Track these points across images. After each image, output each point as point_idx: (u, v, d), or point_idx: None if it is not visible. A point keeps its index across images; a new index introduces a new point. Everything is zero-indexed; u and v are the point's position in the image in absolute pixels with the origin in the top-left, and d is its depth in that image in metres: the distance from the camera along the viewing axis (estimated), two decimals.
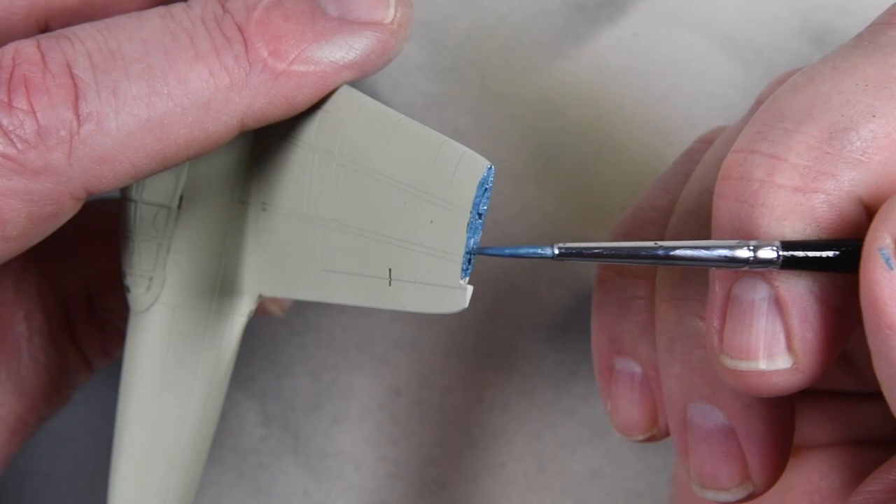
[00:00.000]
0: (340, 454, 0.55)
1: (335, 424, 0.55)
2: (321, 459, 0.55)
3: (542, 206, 0.53)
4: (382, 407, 0.55)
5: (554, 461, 0.55)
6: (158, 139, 0.39)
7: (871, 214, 0.36)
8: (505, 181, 0.53)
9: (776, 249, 0.36)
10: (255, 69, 0.40)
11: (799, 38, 0.53)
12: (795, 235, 0.36)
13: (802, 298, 0.37)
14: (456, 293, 0.38)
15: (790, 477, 0.45)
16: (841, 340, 0.37)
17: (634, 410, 0.42)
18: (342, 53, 0.40)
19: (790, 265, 0.36)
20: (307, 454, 0.55)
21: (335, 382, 0.55)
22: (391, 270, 0.39)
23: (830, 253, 0.36)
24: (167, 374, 0.44)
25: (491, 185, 0.37)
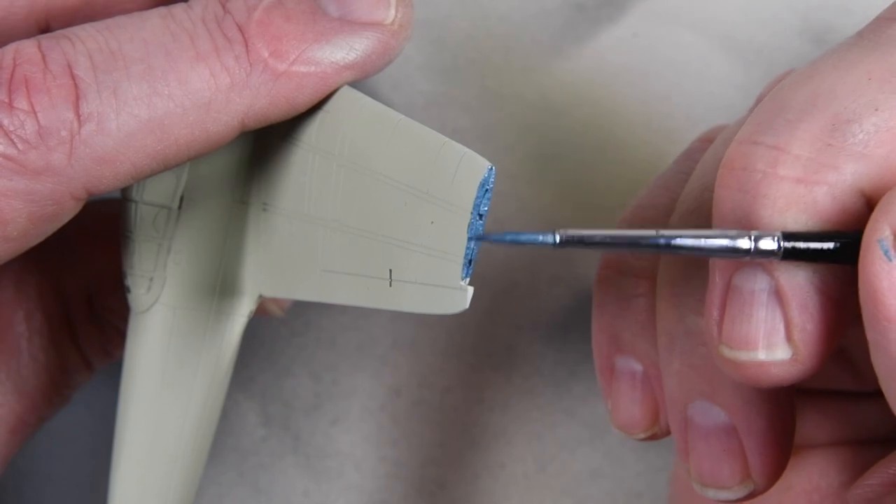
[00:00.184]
0: (340, 454, 0.55)
1: (335, 425, 0.55)
2: (321, 460, 0.55)
3: (541, 205, 0.53)
4: (382, 407, 0.55)
5: (554, 461, 0.55)
6: (159, 139, 0.39)
7: (872, 207, 0.36)
8: (504, 180, 0.53)
9: (777, 240, 0.36)
10: (255, 69, 0.40)
11: (799, 38, 0.53)
12: (797, 226, 0.36)
13: (803, 289, 0.36)
14: (457, 294, 0.38)
15: (790, 476, 0.45)
16: (840, 332, 0.37)
17: (635, 409, 0.42)
18: (343, 54, 0.40)
19: (791, 256, 0.36)
20: (307, 454, 0.55)
21: (335, 383, 0.55)
22: (392, 271, 0.39)
23: (831, 244, 0.36)
24: (167, 374, 0.44)
25: (492, 185, 0.37)
